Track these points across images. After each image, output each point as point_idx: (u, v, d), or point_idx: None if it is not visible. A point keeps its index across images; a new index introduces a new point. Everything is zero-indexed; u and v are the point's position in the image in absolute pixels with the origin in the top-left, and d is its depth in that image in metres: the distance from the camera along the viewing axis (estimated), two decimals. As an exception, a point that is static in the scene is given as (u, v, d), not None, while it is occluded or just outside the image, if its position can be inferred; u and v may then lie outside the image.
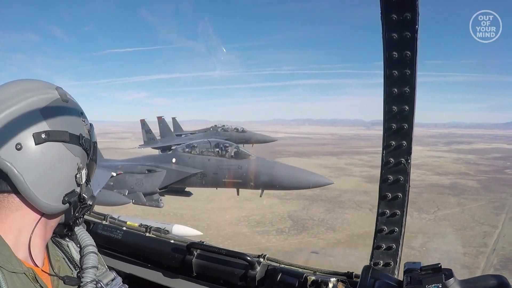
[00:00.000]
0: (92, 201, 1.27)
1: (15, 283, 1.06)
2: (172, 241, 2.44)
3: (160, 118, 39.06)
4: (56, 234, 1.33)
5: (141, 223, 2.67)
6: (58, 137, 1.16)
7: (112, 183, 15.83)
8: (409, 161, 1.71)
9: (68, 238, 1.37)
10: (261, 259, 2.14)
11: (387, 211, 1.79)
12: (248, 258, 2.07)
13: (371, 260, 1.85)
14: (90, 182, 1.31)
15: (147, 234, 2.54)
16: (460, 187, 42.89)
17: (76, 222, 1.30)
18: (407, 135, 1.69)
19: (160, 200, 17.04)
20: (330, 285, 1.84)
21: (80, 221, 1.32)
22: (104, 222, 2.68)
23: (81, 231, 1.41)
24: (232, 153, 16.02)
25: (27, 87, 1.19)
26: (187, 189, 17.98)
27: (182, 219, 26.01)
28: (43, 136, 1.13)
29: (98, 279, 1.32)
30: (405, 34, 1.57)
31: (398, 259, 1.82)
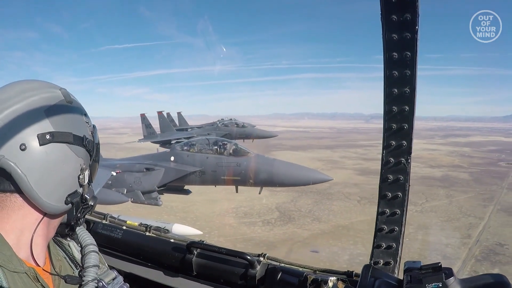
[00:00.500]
0: (94, 201, 1.28)
1: (16, 282, 1.06)
2: (172, 240, 2.45)
3: (160, 113, 39.56)
4: (57, 234, 1.34)
5: (141, 222, 2.67)
6: (62, 138, 1.16)
7: (110, 182, 15.77)
8: (409, 160, 1.74)
9: (69, 237, 1.38)
10: (261, 258, 2.14)
11: (387, 210, 1.82)
12: (248, 257, 2.08)
13: (371, 259, 1.87)
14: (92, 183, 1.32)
15: (147, 233, 2.55)
16: (451, 179, 42.60)
17: (78, 222, 1.31)
18: (407, 135, 1.71)
19: (159, 198, 17.01)
20: (330, 284, 1.84)
21: (82, 221, 1.33)
22: (104, 221, 2.68)
23: (81, 231, 1.42)
24: (231, 151, 15.95)
25: (28, 86, 1.19)
26: (186, 188, 17.97)
27: (172, 211, 26.09)
28: (47, 137, 1.13)
29: (99, 278, 1.32)
30: (405, 35, 1.58)
31: (398, 258, 1.83)
